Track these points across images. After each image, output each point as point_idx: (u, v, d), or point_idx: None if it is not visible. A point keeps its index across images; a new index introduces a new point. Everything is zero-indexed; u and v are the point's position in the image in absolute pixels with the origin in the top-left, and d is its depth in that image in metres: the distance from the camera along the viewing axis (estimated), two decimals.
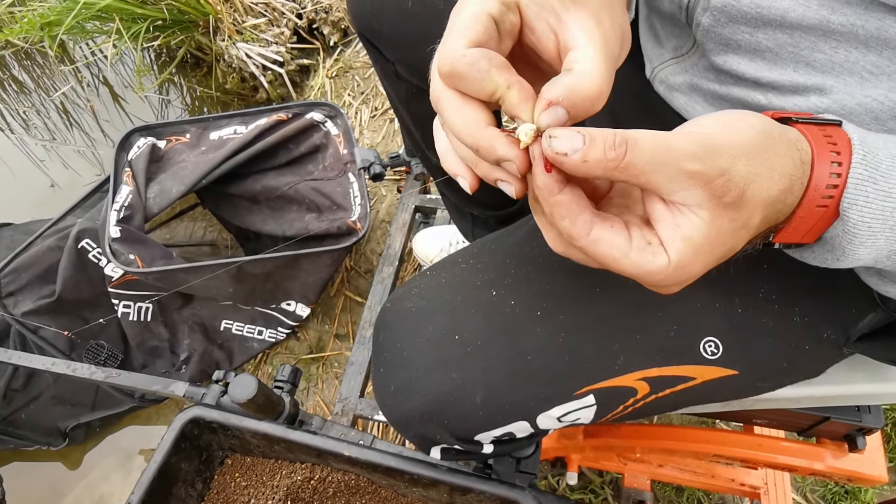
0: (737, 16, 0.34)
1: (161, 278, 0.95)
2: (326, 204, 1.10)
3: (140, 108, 1.69)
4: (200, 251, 1.28)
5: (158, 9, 1.36)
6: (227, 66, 1.49)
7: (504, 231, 0.46)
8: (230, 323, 1.12)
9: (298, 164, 1.14)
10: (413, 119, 0.71)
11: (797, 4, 0.31)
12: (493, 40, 0.27)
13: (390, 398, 0.41)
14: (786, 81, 0.35)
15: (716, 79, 0.39)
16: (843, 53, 0.31)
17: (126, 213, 0.94)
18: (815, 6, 0.31)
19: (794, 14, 0.31)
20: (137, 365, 1.06)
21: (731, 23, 0.35)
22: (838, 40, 0.31)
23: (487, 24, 0.26)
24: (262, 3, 1.47)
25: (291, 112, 1.12)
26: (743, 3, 0.33)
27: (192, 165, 1.04)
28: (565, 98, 0.25)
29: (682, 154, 0.24)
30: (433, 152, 0.76)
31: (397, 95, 0.69)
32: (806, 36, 0.32)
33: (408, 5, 0.56)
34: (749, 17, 0.34)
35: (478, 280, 0.41)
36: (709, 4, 0.35)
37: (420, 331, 0.41)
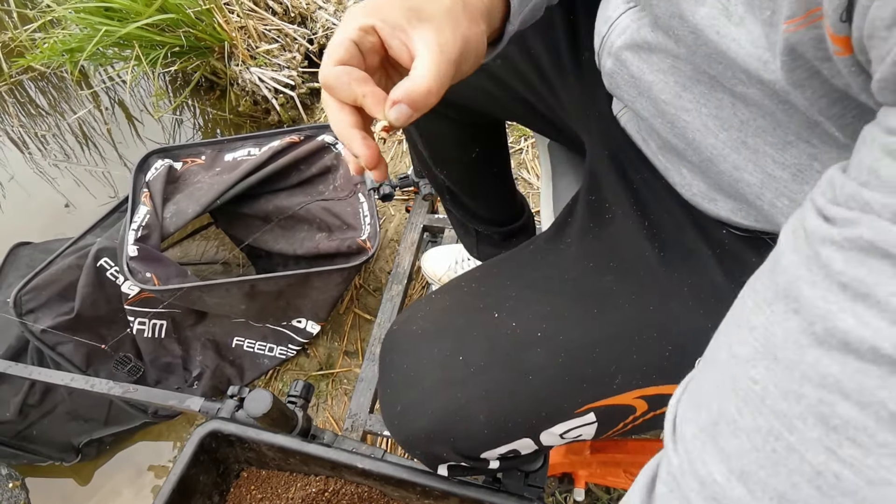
0: (622, 85, 0.41)
1: (176, 296, 0.97)
2: (337, 223, 1.12)
3: (154, 131, 1.73)
4: (212, 269, 1.31)
5: (176, 36, 1.40)
6: (240, 90, 1.53)
7: (506, 255, 0.48)
8: (241, 340, 1.14)
9: (310, 185, 1.17)
10: (422, 138, 0.74)
11: (657, 79, 0.38)
12: (355, 58, 0.34)
13: (397, 418, 0.43)
14: (677, 143, 0.40)
15: (647, 128, 0.44)
16: (714, 106, 0.36)
17: (143, 233, 0.97)
18: (671, 83, 0.37)
19: (656, 88, 0.39)
20: (151, 381, 1.08)
21: (619, 94, 0.42)
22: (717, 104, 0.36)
23: (349, 46, 0.33)
24: (275, 29, 1.52)
25: (303, 134, 1.15)
26: (627, 77, 0.40)
27: (207, 186, 1.07)
28: (405, 97, 0.32)
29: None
30: (440, 169, 0.80)
31: None
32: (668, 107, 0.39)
33: None
34: (633, 87, 0.40)
35: (480, 303, 0.43)
36: (604, 83, 0.43)
37: (425, 352, 0.43)
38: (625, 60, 0.40)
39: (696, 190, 0.41)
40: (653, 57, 0.38)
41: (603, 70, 0.43)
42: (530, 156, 1.38)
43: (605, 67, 0.42)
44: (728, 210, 0.41)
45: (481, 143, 0.73)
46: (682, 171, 0.42)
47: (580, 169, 0.68)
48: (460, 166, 0.76)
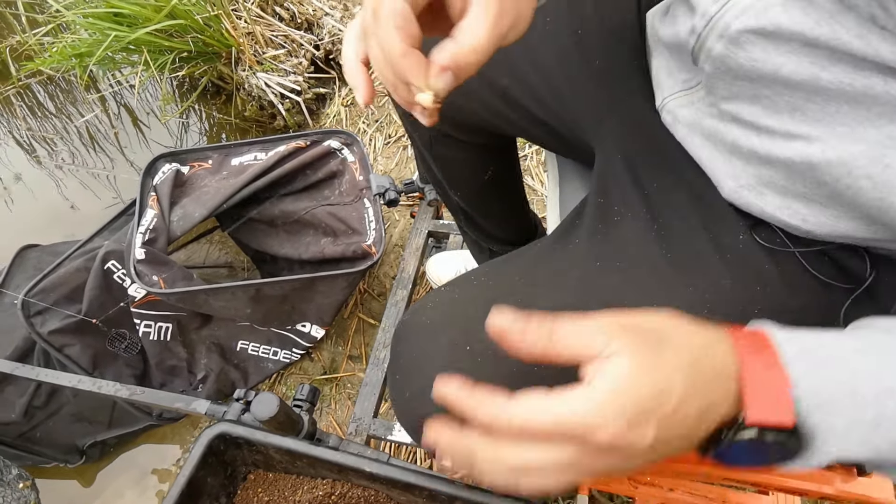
0: (735, 69, 0.37)
1: (182, 299, 0.98)
2: (342, 228, 1.13)
3: (160, 134, 1.74)
4: (218, 273, 1.31)
5: (184, 41, 1.42)
6: (246, 95, 1.54)
7: (515, 252, 0.49)
8: (246, 343, 1.15)
9: (315, 190, 1.18)
10: (436, 161, 0.75)
11: (789, 61, 0.34)
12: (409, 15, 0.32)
13: (405, 405, 0.44)
14: (779, 128, 0.38)
15: (718, 115, 0.43)
16: (834, 106, 0.35)
17: (151, 236, 0.98)
18: (806, 63, 0.34)
19: (786, 69, 0.35)
20: (156, 384, 1.08)
21: (729, 75, 0.38)
22: (828, 95, 0.34)
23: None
24: (282, 35, 1.54)
25: (310, 139, 1.16)
26: (740, 56, 0.37)
27: (214, 190, 1.08)
28: (452, 64, 0.31)
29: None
30: (454, 191, 0.80)
31: (420, 140, 0.73)
32: (798, 90, 0.35)
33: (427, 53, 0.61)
34: (745, 71, 0.37)
35: (488, 296, 0.44)
36: (710, 54, 0.38)
37: (434, 342, 0.44)
38: (744, 44, 0.36)
39: (743, 182, 0.41)
40: (783, 43, 0.35)
41: (706, 55, 0.39)
42: (535, 162, 1.39)
43: (713, 52, 0.39)
44: (775, 206, 0.41)
45: (494, 164, 0.74)
46: (732, 161, 0.42)
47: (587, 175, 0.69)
48: (474, 188, 0.77)
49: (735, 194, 0.43)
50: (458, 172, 0.76)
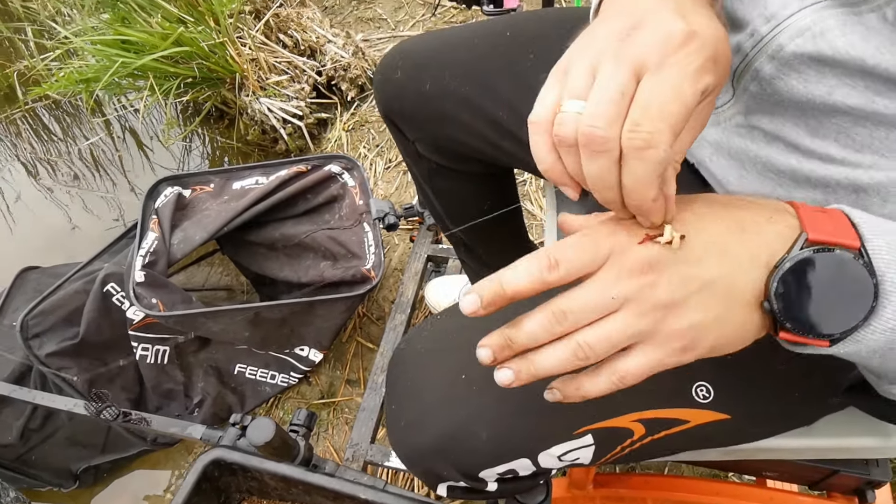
0: (783, 90, 0.38)
1: (180, 322, 0.98)
2: (342, 252, 1.13)
3: (164, 158, 1.76)
4: (217, 296, 1.31)
5: (189, 68, 1.44)
6: (249, 119, 1.57)
7: None
8: (244, 367, 1.14)
9: (316, 214, 1.19)
10: (435, 193, 0.76)
11: (843, 85, 0.35)
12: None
13: (401, 433, 0.44)
14: (822, 151, 0.38)
15: (751, 134, 0.42)
16: (884, 132, 0.35)
17: (151, 259, 0.98)
18: (861, 88, 0.34)
19: (839, 94, 0.35)
20: (152, 408, 1.08)
21: (776, 97, 0.38)
22: (879, 120, 0.35)
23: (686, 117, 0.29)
24: (285, 61, 1.56)
25: (311, 164, 1.17)
26: (792, 79, 0.37)
27: (215, 213, 1.09)
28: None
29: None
30: (454, 223, 0.81)
31: (420, 173, 0.74)
32: (848, 114, 0.36)
33: (425, 87, 0.62)
34: (795, 94, 0.37)
35: (483, 324, 0.44)
36: (758, 75, 0.39)
37: (430, 370, 0.44)
38: (797, 66, 0.36)
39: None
40: (839, 68, 0.35)
41: (752, 75, 0.39)
42: (534, 187, 1.40)
43: (761, 72, 0.38)
44: None
45: (493, 195, 0.75)
46: (764, 182, 0.42)
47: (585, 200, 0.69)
48: (473, 219, 0.78)
49: None
50: (456, 204, 0.76)
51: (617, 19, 0.31)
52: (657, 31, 0.28)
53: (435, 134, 0.66)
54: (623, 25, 0.30)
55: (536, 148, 0.30)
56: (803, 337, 0.28)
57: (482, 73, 0.60)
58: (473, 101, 0.60)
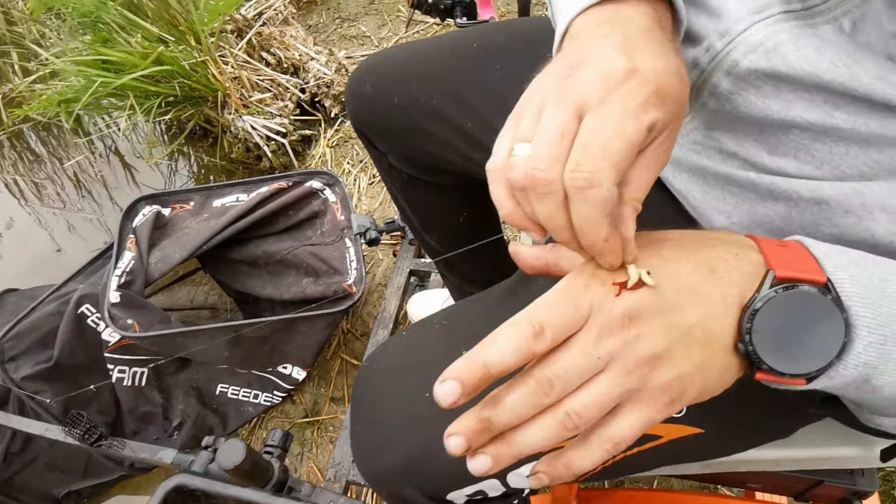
0: (741, 105, 0.37)
1: (157, 343, 0.96)
2: (324, 268, 1.12)
3: (149, 177, 1.75)
4: (200, 315, 1.30)
5: (171, 86, 1.44)
6: (232, 137, 1.56)
7: (479, 295, 0.48)
8: (225, 387, 1.12)
9: (297, 230, 1.18)
10: (410, 205, 0.75)
11: (800, 99, 0.34)
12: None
13: (365, 456, 0.42)
14: (783, 167, 0.37)
15: (704, 152, 0.42)
16: (843, 147, 0.34)
17: (127, 279, 0.97)
18: (819, 102, 0.34)
19: (796, 110, 0.35)
20: (129, 432, 1.05)
21: (734, 112, 0.38)
22: (838, 136, 0.34)
23: (631, 155, 0.28)
24: (268, 79, 1.56)
25: (292, 180, 1.16)
26: (750, 93, 0.36)
27: (195, 232, 1.08)
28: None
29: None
30: (431, 235, 0.80)
31: (394, 184, 0.74)
32: (807, 130, 0.35)
33: (394, 100, 0.62)
34: (752, 109, 0.37)
35: (450, 339, 0.43)
36: (716, 91, 0.38)
37: (393, 389, 0.42)
38: (753, 82, 0.36)
39: (736, 219, 0.41)
40: (795, 83, 0.34)
41: (710, 90, 0.39)
42: None
43: (719, 88, 0.38)
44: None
45: (467, 206, 0.74)
46: (726, 198, 0.41)
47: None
48: (449, 231, 0.77)
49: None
50: (432, 215, 0.76)
51: (563, 58, 0.30)
52: (598, 68, 0.28)
53: (406, 146, 0.66)
54: (565, 64, 0.29)
55: (495, 194, 0.30)
56: (780, 377, 0.28)
57: (451, 85, 0.59)
58: (443, 113, 0.59)
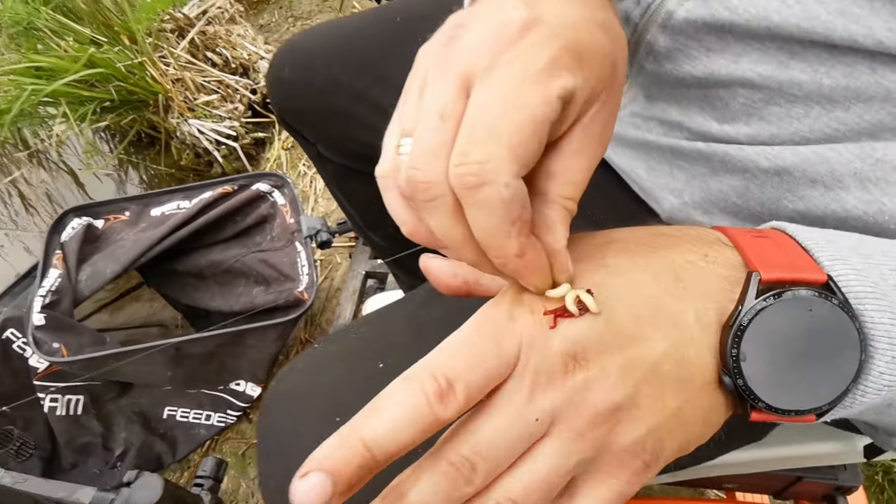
0: (683, 63, 0.31)
1: (89, 367, 0.88)
2: (274, 275, 1.05)
3: (96, 189, 1.66)
4: (148, 333, 1.21)
5: (106, 90, 1.36)
6: (180, 143, 1.48)
7: (406, 296, 0.42)
8: (174, 409, 1.05)
9: (245, 237, 1.11)
10: (347, 198, 0.69)
11: (750, 51, 0.29)
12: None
13: (272, 496, 0.36)
14: (735, 135, 0.32)
15: (644, 125, 0.37)
16: (802, 108, 0.29)
17: (53, 299, 0.89)
18: (772, 51, 0.28)
19: (744, 63, 0.29)
20: (67, 465, 0.97)
21: (675, 73, 0.32)
22: (796, 94, 0.29)
23: (541, 135, 0.20)
24: (215, 80, 1.49)
25: (237, 184, 1.09)
26: (691, 49, 0.31)
27: (130, 244, 1.00)
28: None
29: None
30: (375, 231, 0.73)
31: (327, 176, 0.68)
32: (758, 89, 0.30)
33: (315, 84, 0.56)
34: (695, 67, 0.31)
35: (366, 351, 0.37)
36: (653, 48, 0.33)
37: (299, 414, 0.36)
38: (693, 34, 0.31)
39: (688, 198, 0.35)
40: (740, 31, 0.29)
41: (647, 49, 0.33)
42: None
43: (656, 45, 0.33)
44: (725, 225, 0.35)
45: None
46: (675, 174, 0.36)
47: None
48: (394, 226, 0.70)
49: (678, 213, 0.36)
50: (372, 209, 0.69)
51: (450, 20, 0.24)
52: (486, 25, 0.21)
53: (333, 133, 0.60)
54: (450, 26, 0.23)
55: (390, 207, 0.24)
56: (783, 416, 0.21)
57: (374, 64, 0.54)
58: (368, 95, 0.54)
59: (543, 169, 0.21)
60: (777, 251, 0.22)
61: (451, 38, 0.22)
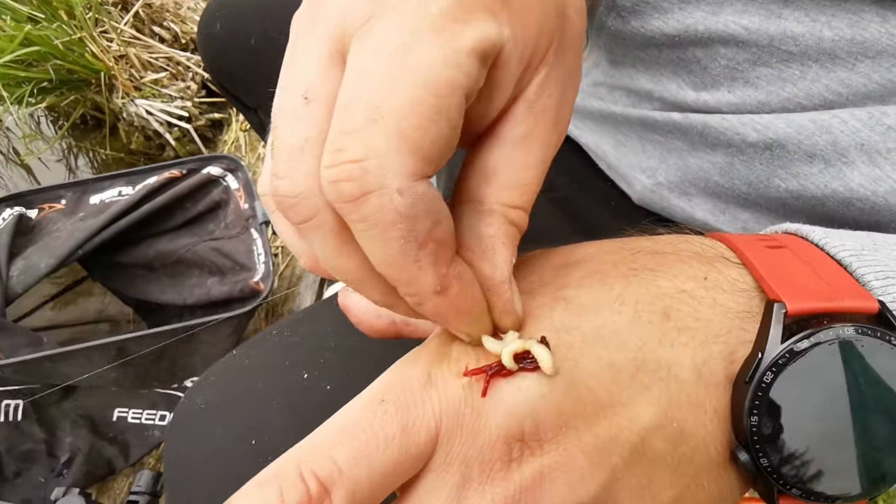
0: (650, 18, 0.26)
1: (24, 371, 0.81)
2: (229, 265, 0.99)
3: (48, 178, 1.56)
4: (97, 330, 1.14)
5: (44, 70, 1.25)
6: (128, 125, 1.39)
7: (340, 291, 0.36)
8: (125, 411, 0.98)
9: (197, 224, 1.04)
10: None
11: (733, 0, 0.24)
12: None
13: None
14: (712, 105, 0.26)
15: (609, 96, 0.32)
16: (797, 69, 0.24)
17: None
18: (757, 3, 0.23)
19: (726, 16, 0.24)
20: (10, 474, 0.90)
21: (642, 32, 0.27)
22: (789, 52, 0.23)
23: (456, 120, 0.14)
24: (163, 57, 1.39)
25: (185, 168, 1.02)
26: (664, 10, 0.26)
27: (67, 235, 0.92)
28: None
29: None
30: None
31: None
32: (744, 48, 0.24)
33: (251, 42, 0.51)
34: (666, 23, 0.26)
35: (287, 359, 0.31)
36: (615, 2, 0.27)
37: (207, 436, 0.30)
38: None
39: (662, 178, 0.30)
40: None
41: (608, 4, 0.28)
42: None
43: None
44: (707, 210, 0.30)
45: None
46: (647, 149, 0.31)
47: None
48: None
49: (652, 195, 0.31)
50: None
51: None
52: None
53: (272, 95, 0.54)
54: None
55: (282, 237, 0.18)
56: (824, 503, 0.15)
57: None
58: None
59: (477, 166, 0.15)
60: (802, 268, 0.16)
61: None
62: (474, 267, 0.15)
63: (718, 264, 0.17)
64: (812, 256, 0.16)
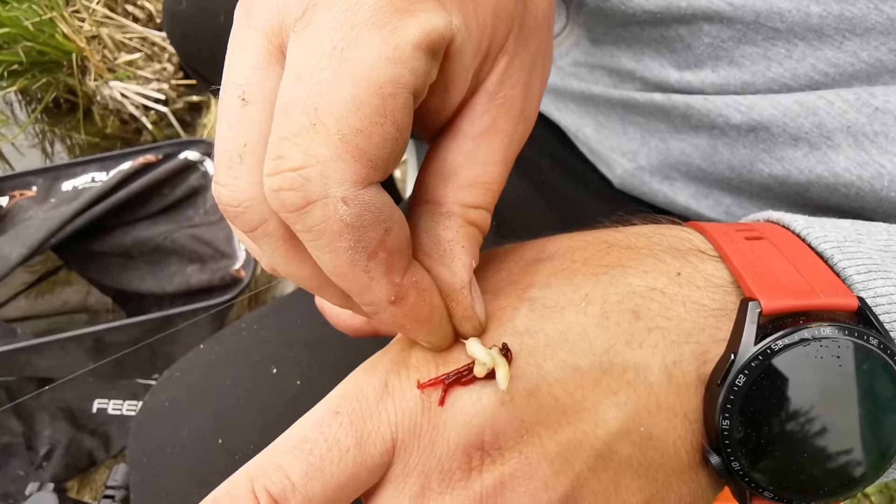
0: (634, 7, 0.25)
1: None
2: (209, 253, 0.97)
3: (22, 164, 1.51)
4: (74, 320, 1.11)
5: (14, 52, 1.21)
6: (102, 109, 1.35)
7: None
8: (104, 402, 0.96)
9: (175, 211, 1.01)
10: None
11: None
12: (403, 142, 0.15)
13: None
14: (695, 85, 0.25)
15: (589, 76, 0.30)
16: (784, 47, 0.22)
17: None
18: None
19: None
20: None
21: (623, 8, 0.25)
22: (776, 29, 0.22)
23: (404, 118, 0.13)
24: (138, 37, 1.34)
25: (161, 153, 0.99)
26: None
27: (39, 223, 0.89)
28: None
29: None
30: None
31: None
32: (728, 25, 0.23)
33: (219, 21, 0.48)
34: (648, 10, 0.24)
35: (256, 353, 0.30)
36: (590, 0, 0.26)
37: (173, 436, 0.29)
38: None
39: (644, 161, 0.30)
40: None
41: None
42: None
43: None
44: (689, 194, 0.29)
45: None
46: (628, 131, 0.30)
47: None
48: None
49: (633, 179, 0.30)
50: None
51: None
52: None
53: None
54: None
55: (238, 238, 0.18)
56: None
57: None
58: None
59: (435, 165, 0.14)
60: (781, 263, 0.15)
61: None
62: (432, 272, 0.14)
63: (693, 258, 0.16)
64: (792, 248, 0.15)
